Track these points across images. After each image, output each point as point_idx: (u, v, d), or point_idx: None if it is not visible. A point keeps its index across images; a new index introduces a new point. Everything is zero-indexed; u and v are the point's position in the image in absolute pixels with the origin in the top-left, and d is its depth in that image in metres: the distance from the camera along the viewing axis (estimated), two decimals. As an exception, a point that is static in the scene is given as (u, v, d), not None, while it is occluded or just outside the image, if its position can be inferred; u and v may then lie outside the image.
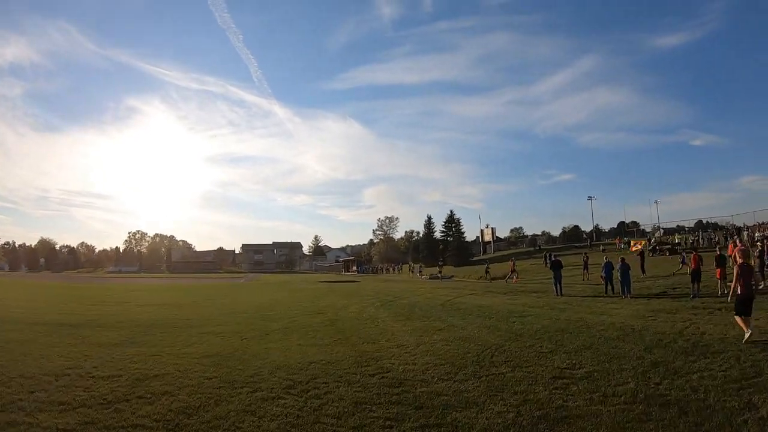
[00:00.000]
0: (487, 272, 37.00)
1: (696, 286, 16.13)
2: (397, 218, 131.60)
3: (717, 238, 43.24)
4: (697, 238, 46.76)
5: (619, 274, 18.12)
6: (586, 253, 34.39)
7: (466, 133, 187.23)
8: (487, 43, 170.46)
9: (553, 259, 23.27)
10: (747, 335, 8.51)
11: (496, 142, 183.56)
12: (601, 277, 20.41)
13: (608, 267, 19.60)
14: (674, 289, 18.46)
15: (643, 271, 24.88)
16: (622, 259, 18.11)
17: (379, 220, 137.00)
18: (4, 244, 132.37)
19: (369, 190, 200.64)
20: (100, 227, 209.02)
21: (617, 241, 58.64)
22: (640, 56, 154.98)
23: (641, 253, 29.01)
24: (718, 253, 17.50)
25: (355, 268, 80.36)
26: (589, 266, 29.79)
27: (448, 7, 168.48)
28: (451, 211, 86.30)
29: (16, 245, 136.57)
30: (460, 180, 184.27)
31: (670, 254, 38.70)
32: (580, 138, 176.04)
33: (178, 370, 8.77)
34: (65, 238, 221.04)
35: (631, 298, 17.04)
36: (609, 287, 19.25)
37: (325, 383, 7.59)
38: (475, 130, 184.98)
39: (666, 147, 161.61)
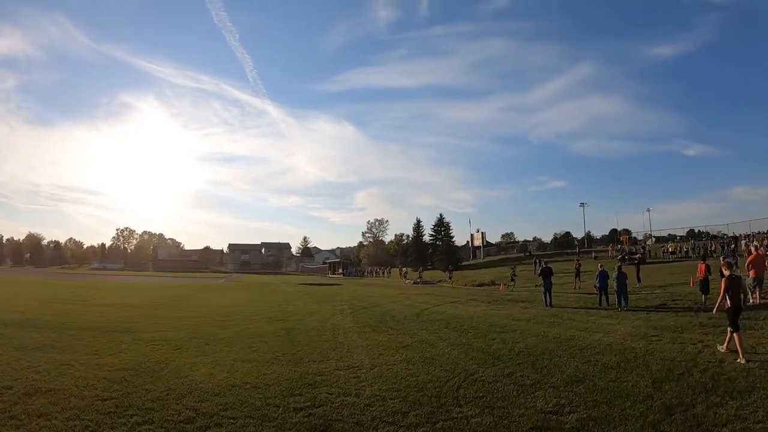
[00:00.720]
0: (513, 279, 31.24)
1: (704, 298, 14.40)
2: (386, 221, 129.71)
3: (714, 246, 41.70)
4: (692, 246, 45.23)
5: (615, 283, 16.32)
6: (578, 260, 32.58)
7: (459, 138, 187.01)
8: (483, 48, 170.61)
9: (543, 265, 21.28)
10: (741, 358, 7.94)
11: (490, 147, 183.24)
12: (595, 287, 18.66)
13: (603, 276, 17.81)
14: (674, 300, 16.70)
15: (639, 280, 23.14)
16: (619, 267, 16.30)
17: (368, 222, 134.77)
18: None
19: (361, 192, 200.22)
20: (90, 223, 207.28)
21: (610, 248, 56.97)
22: (634, 65, 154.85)
23: (637, 261, 27.37)
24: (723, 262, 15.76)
25: (341, 270, 78.27)
26: (581, 274, 28.11)
27: (444, 11, 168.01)
28: (441, 215, 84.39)
29: (4, 239, 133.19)
30: (452, 184, 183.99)
31: (638, 264, 37.43)
32: (574, 145, 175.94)
33: (76, 385, 7.30)
34: (54, 233, 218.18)
35: (628, 310, 15.30)
36: (603, 298, 17.49)
37: (233, 419, 5.80)
38: (468, 135, 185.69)
39: (659, 156, 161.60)
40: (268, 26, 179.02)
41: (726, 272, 8.94)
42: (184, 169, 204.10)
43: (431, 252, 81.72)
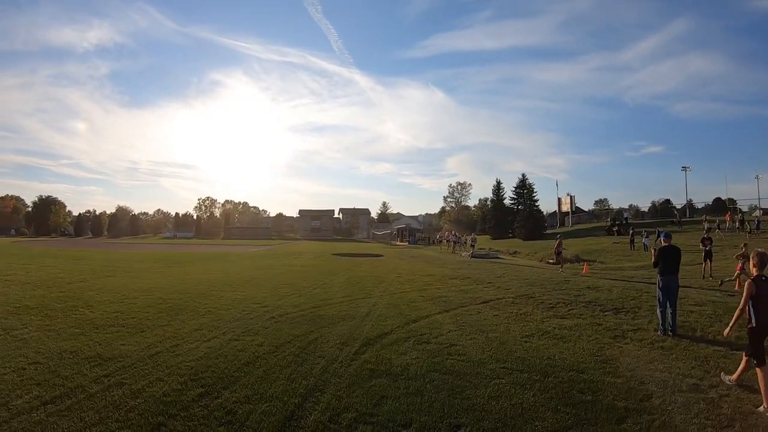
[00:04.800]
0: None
1: None
2: (469, 184, 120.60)
3: None
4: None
5: None
6: (708, 231, 21.59)
7: (550, 101, 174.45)
8: (572, 6, 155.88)
9: (663, 242, 9.24)
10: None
11: (582, 110, 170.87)
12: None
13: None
14: None
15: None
16: None
17: (450, 186, 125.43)
18: (86, 212, 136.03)
19: (452, 158, 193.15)
20: (187, 195, 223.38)
21: (728, 217, 42.97)
22: (735, 19, 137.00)
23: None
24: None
25: (408, 238, 70.08)
26: (713, 255, 17.69)
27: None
28: (523, 175, 72.42)
29: (97, 212, 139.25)
30: (544, 150, 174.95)
31: (617, 234, 33.91)
32: (672, 107, 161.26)
33: None
34: (150, 205, 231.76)
35: None
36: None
37: None
38: (559, 98, 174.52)
39: (765, 119, 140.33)
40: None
41: (753, 270, 5.55)
42: (275, 140, 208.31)
43: (512, 218, 70.88)
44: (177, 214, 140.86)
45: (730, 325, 5.83)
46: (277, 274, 19.91)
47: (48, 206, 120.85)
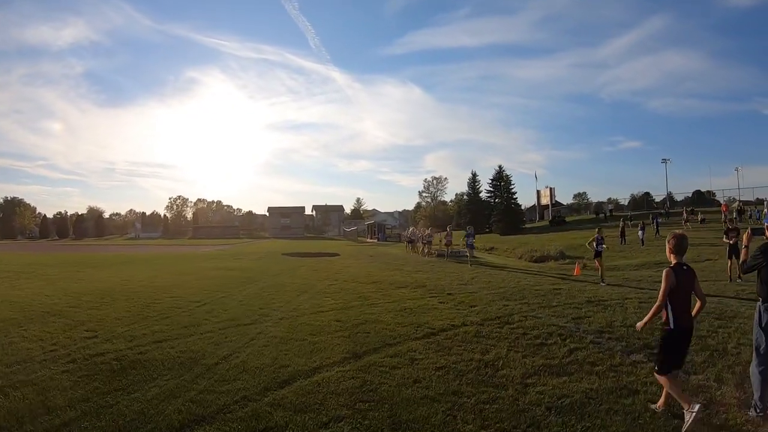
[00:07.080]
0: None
1: None
2: (445, 178, 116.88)
3: None
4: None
5: None
6: (732, 221, 17.52)
7: (528, 98, 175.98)
8: (550, 3, 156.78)
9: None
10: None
11: (560, 107, 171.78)
12: None
13: None
14: None
15: None
16: None
17: (425, 181, 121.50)
18: (57, 213, 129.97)
19: (430, 155, 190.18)
20: (165, 195, 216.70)
21: (724, 208, 40.37)
22: (713, 17, 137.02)
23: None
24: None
25: (378, 234, 65.43)
26: (739, 249, 13.42)
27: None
28: (500, 167, 68.31)
29: (68, 214, 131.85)
30: (523, 146, 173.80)
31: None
32: (648, 103, 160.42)
33: None
34: (126, 206, 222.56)
35: None
36: None
37: None
38: (537, 95, 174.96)
39: (741, 115, 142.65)
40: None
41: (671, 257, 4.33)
42: (253, 138, 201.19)
43: (489, 213, 66.88)
44: (143, 213, 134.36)
45: (645, 320, 4.44)
46: (184, 282, 15.42)
47: (13, 208, 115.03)
